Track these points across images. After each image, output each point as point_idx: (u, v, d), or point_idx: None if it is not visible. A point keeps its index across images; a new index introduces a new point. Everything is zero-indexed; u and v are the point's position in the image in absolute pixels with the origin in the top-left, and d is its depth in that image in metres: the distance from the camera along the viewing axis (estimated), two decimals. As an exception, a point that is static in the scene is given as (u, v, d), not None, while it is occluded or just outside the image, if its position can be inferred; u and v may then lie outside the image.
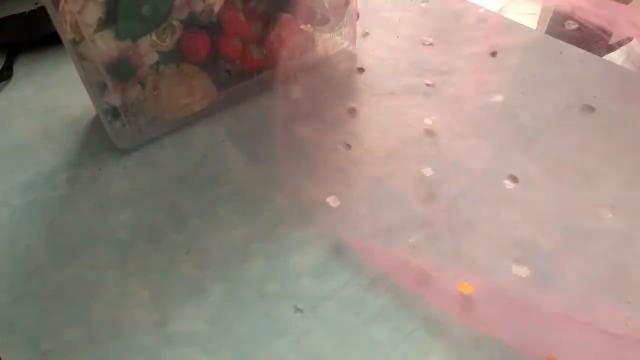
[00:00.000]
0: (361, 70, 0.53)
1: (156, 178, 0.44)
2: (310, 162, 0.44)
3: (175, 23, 0.44)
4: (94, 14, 0.40)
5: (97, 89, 0.44)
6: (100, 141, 0.48)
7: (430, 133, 0.46)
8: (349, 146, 0.45)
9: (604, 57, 0.59)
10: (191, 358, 0.33)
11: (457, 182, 0.41)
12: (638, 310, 0.32)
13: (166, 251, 0.39)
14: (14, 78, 0.59)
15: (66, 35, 0.42)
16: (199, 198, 0.43)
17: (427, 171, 0.42)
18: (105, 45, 0.42)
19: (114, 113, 0.45)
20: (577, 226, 0.37)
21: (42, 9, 0.45)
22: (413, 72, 0.51)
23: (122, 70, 0.44)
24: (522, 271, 0.34)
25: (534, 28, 0.74)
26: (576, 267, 0.34)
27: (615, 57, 0.75)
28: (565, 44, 0.53)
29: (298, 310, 0.34)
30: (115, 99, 0.44)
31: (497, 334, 0.31)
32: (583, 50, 0.51)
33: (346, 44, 0.55)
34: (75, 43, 0.43)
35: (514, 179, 0.41)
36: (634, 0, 0.79)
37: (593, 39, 0.52)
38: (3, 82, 0.58)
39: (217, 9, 0.45)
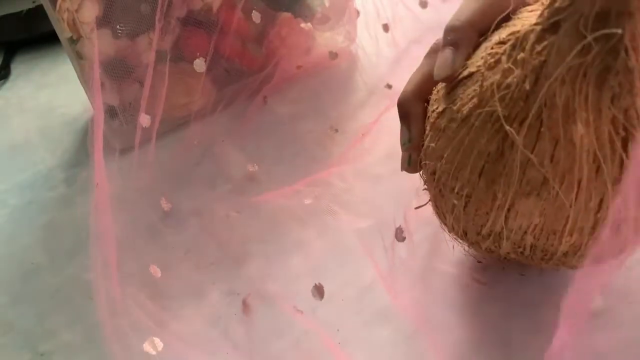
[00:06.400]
0: (361, 69, 0.53)
1: (154, 178, 0.44)
2: (310, 161, 0.44)
3: (174, 21, 0.43)
4: (91, 12, 0.40)
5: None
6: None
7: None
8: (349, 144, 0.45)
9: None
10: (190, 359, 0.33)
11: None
12: None
13: (165, 251, 0.39)
14: (11, 77, 0.58)
15: (64, 33, 0.42)
16: (198, 198, 0.42)
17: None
18: (103, 44, 0.42)
19: (112, 112, 0.45)
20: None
21: (40, 8, 0.45)
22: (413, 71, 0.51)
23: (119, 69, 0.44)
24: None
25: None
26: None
27: None
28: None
29: (298, 311, 0.34)
30: (113, 98, 0.44)
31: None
32: None
33: (347, 42, 0.55)
34: (73, 41, 0.42)
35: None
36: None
37: None
38: (0, 82, 0.58)
39: (215, 7, 0.45)
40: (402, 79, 0.32)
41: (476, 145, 0.26)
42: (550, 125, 0.23)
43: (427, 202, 0.32)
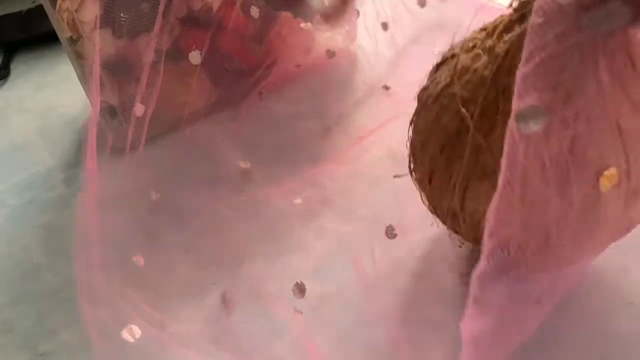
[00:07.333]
0: (360, 68, 0.53)
1: (154, 177, 0.44)
2: (308, 161, 0.44)
3: (174, 21, 0.43)
4: (91, 11, 0.40)
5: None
6: (97, 140, 0.47)
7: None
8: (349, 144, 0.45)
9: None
10: None
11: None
12: None
13: (164, 251, 0.39)
14: (10, 77, 0.58)
15: (64, 33, 0.42)
16: (198, 198, 0.42)
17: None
18: (103, 43, 0.42)
19: (112, 112, 0.45)
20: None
21: (40, 8, 0.45)
22: (413, 69, 0.51)
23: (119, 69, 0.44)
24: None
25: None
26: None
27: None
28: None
29: (297, 311, 0.34)
30: (112, 98, 0.44)
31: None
32: None
33: (346, 42, 0.55)
34: (73, 41, 0.42)
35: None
36: None
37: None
38: (0, 82, 0.58)
39: (216, 6, 0.45)
40: (400, 79, 0.33)
41: (440, 122, 0.27)
42: (505, 114, 0.24)
43: (406, 174, 0.32)
